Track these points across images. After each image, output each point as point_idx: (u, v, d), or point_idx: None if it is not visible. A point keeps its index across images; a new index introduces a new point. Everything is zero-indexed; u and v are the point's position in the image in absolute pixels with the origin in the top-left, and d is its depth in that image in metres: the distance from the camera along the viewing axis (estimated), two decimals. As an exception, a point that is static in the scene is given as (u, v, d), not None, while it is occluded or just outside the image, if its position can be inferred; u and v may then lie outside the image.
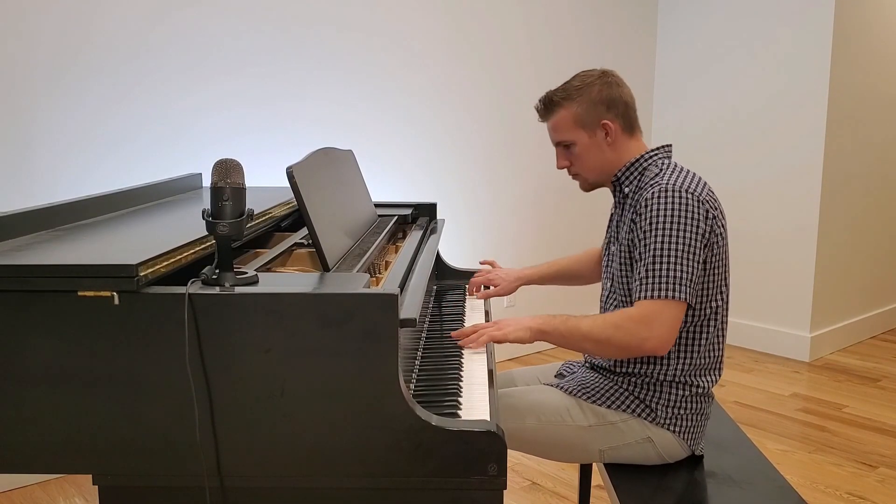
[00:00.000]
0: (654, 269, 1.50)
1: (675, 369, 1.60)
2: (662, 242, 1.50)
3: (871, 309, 4.40)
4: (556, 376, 1.88)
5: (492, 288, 2.04)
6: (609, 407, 1.63)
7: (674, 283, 1.48)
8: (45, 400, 1.17)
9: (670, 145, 1.71)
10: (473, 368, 1.53)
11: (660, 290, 1.48)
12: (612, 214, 1.76)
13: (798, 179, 3.91)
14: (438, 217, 2.31)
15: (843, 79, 3.84)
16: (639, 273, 1.53)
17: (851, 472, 2.72)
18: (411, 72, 3.44)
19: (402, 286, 1.43)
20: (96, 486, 1.23)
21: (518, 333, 1.55)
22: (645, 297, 1.50)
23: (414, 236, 1.94)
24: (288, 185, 1.41)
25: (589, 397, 1.64)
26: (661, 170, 1.62)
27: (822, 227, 3.89)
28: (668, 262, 1.49)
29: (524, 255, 4.01)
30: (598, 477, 2.41)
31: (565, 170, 1.73)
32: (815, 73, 3.79)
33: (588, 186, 1.74)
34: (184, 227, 1.51)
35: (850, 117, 3.93)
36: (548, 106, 1.68)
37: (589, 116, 1.64)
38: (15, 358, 1.17)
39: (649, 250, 1.51)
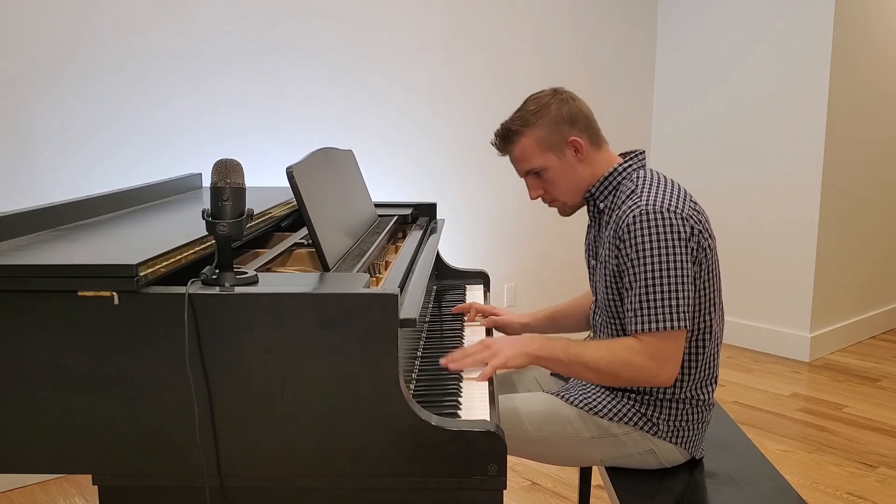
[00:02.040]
0: (649, 301, 1.45)
1: (675, 388, 1.58)
2: (653, 271, 1.45)
3: (871, 309, 4.40)
4: (552, 374, 1.87)
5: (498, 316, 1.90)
6: (612, 420, 1.59)
7: (672, 313, 1.44)
8: (44, 400, 1.17)
9: (643, 151, 1.65)
10: (473, 368, 1.53)
11: (658, 321, 1.44)
12: (589, 225, 1.72)
13: (798, 179, 3.91)
14: (438, 217, 2.31)
15: (843, 78, 3.84)
16: (632, 303, 1.48)
17: (851, 472, 2.72)
18: (411, 71, 3.44)
19: (402, 286, 1.42)
20: (96, 486, 1.23)
21: (515, 360, 1.50)
22: (644, 331, 1.45)
23: (414, 236, 1.94)
24: (288, 185, 1.41)
25: (591, 409, 1.60)
26: (637, 185, 1.55)
27: (822, 227, 3.89)
28: (663, 292, 1.45)
29: (524, 255, 4.01)
30: (598, 477, 2.41)
31: (540, 199, 1.66)
32: (815, 72, 3.79)
33: (569, 210, 1.66)
34: (184, 227, 1.51)
35: (850, 117, 3.93)
36: (506, 137, 1.61)
37: (553, 137, 1.58)
38: (15, 358, 1.17)
39: (640, 280, 1.46)
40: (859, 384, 3.63)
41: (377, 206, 2.19)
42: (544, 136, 1.58)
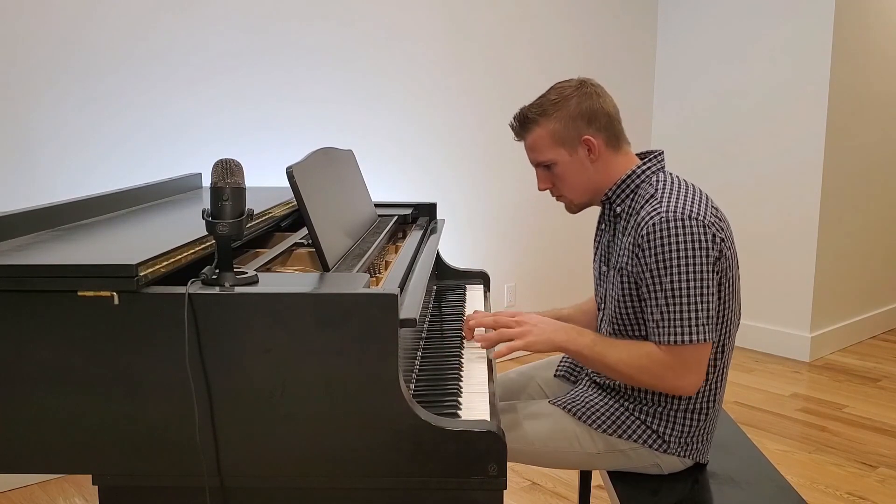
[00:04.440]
0: (671, 314, 1.41)
1: (689, 399, 1.55)
2: (673, 282, 1.40)
3: (871, 309, 4.40)
4: (555, 376, 1.86)
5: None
6: (620, 437, 1.56)
7: (694, 326, 1.40)
8: (45, 400, 1.17)
9: (661, 152, 1.59)
10: (473, 368, 1.53)
11: (683, 335, 1.41)
12: (599, 230, 1.68)
13: (798, 179, 3.91)
14: (438, 217, 2.31)
15: (843, 78, 3.84)
16: (653, 314, 1.44)
17: (851, 472, 2.72)
18: (412, 71, 3.44)
19: (402, 286, 1.42)
20: (96, 486, 1.23)
21: (539, 346, 1.48)
22: (668, 343, 1.42)
23: (414, 236, 1.94)
24: (288, 185, 1.41)
25: (599, 426, 1.57)
26: (657, 189, 1.49)
27: (823, 227, 3.89)
28: (684, 304, 1.40)
29: (524, 255, 4.01)
30: (599, 478, 2.41)
31: (548, 192, 1.63)
32: (815, 72, 3.79)
33: (575, 208, 1.63)
34: (184, 227, 1.51)
35: (850, 117, 3.93)
36: (523, 124, 1.57)
37: (568, 133, 1.52)
38: (15, 358, 1.17)
39: (663, 291, 1.42)
40: (859, 384, 3.63)
41: (377, 206, 2.19)
42: (559, 129, 1.53)
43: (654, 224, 1.43)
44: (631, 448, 1.57)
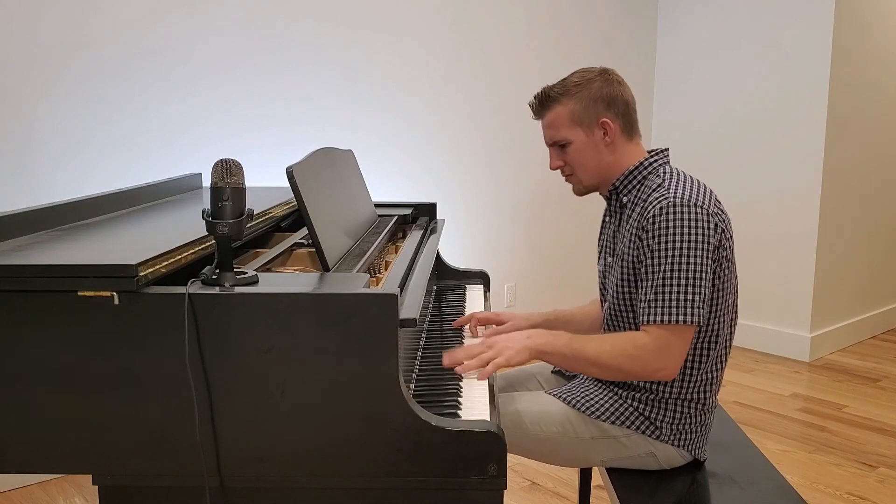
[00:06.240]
0: (664, 293, 1.44)
1: (681, 387, 1.57)
2: (672, 263, 1.44)
3: (871, 309, 4.40)
4: (553, 372, 1.87)
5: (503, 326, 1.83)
6: (613, 423, 1.58)
7: (686, 307, 1.43)
8: (45, 400, 1.17)
9: (667, 149, 1.64)
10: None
11: (671, 314, 1.43)
12: (604, 222, 1.71)
13: (798, 179, 3.91)
14: (438, 217, 2.31)
15: (843, 78, 3.84)
16: (646, 294, 1.47)
17: (851, 472, 2.72)
18: (412, 71, 3.44)
19: (402, 286, 1.42)
20: (96, 486, 1.23)
21: (518, 357, 1.48)
22: (655, 322, 1.44)
23: (414, 236, 1.94)
24: (288, 185, 1.42)
25: (592, 412, 1.59)
26: (664, 179, 1.54)
27: (823, 227, 3.89)
28: (680, 285, 1.43)
29: (524, 255, 4.01)
30: (599, 477, 2.41)
31: (559, 171, 1.66)
32: (816, 73, 3.79)
33: (583, 190, 1.66)
34: (184, 227, 1.51)
35: (850, 117, 3.93)
36: (543, 102, 1.61)
37: (587, 114, 1.57)
38: (15, 358, 1.17)
39: (659, 271, 1.45)
40: (859, 384, 3.63)
41: (377, 206, 2.19)
42: (578, 109, 1.57)
43: (660, 208, 1.47)
44: (624, 434, 1.59)
